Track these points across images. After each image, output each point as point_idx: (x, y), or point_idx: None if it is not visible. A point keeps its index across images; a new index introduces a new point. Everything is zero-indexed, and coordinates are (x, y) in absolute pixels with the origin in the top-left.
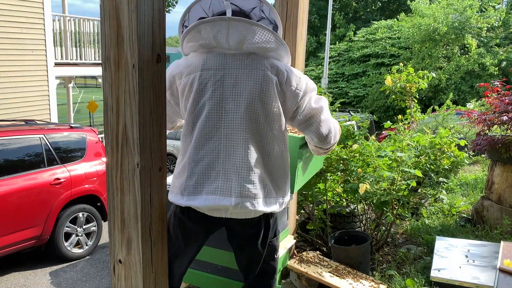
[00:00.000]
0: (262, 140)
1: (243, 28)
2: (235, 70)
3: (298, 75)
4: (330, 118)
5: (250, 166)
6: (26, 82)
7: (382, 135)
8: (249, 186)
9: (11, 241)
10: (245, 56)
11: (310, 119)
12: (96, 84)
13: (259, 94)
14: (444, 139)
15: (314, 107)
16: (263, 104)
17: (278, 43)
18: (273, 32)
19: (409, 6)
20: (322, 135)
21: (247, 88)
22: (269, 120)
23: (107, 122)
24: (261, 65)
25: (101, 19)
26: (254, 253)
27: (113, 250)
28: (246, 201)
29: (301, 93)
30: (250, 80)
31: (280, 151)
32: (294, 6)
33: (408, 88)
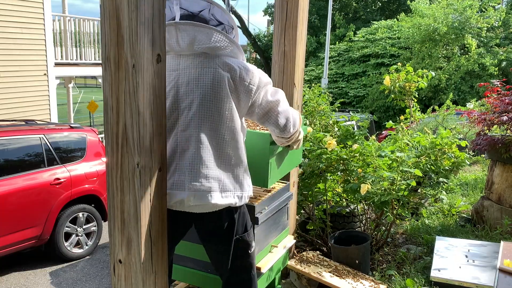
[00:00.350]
0: (216, 136)
1: (191, 30)
2: (187, 70)
3: (251, 71)
4: (287, 109)
5: (203, 162)
6: (26, 82)
7: (382, 135)
8: (202, 180)
9: (11, 241)
10: (196, 56)
11: (268, 112)
12: (96, 84)
13: (211, 91)
14: (445, 139)
15: (270, 100)
16: (216, 100)
17: (228, 42)
18: (222, 32)
19: (409, 6)
20: (281, 126)
21: (199, 86)
22: (223, 116)
23: (107, 122)
24: (212, 63)
25: (101, 19)
26: (219, 248)
27: (113, 250)
28: (199, 194)
29: (255, 87)
30: (202, 78)
31: (235, 146)
32: (294, 6)
33: (407, 87)
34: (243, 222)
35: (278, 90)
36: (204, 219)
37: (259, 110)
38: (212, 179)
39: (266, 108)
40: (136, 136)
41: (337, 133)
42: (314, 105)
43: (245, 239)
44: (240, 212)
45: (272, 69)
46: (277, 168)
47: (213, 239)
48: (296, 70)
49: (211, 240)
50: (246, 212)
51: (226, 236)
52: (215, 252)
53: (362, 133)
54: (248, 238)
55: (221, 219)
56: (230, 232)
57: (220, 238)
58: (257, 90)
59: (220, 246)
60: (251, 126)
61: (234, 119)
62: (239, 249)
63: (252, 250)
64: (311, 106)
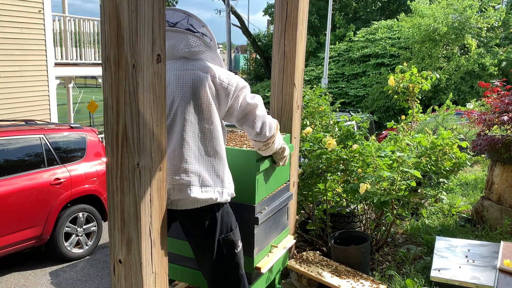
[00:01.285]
0: (197, 133)
1: (169, 36)
2: (168, 72)
3: (229, 74)
4: (265, 114)
5: (183, 157)
6: (26, 82)
7: (382, 135)
8: (182, 174)
9: (11, 241)
10: (177, 59)
11: (246, 114)
12: (96, 84)
13: (190, 91)
14: (446, 140)
15: (249, 102)
16: (196, 100)
17: (205, 47)
18: (198, 37)
19: (409, 6)
20: (257, 129)
21: (179, 86)
22: (203, 115)
23: (107, 122)
24: (192, 66)
25: (101, 19)
26: (202, 247)
27: (113, 250)
28: (179, 188)
29: (233, 88)
30: (182, 79)
31: (215, 143)
32: (294, 6)
33: (411, 88)
34: (227, 221)
35: (256, 95)
36: (185, 216)
37: (238, 112)
38: (191, 173)
39: (245, 110)
40: (136, 136)
41: (337, 133)
42: (315, 106)
43: (230, 239)
44: (223, 211)
45: (272, 69)
46: (264, 185)
47: (194, 238)
48: (296, 70)
49: (192, 238)
50: (229, 211)
51: (208, 235)
52: (196, 250)
53: (362, 133)
54: (233, 237)
55: (203, 218)
56: (211, 231)
57: (201, 237)
58: (235, 92)
59: (203, 245)
60: (239, 144)
61: (214, 118)
62: (225, 249)
63: (239, 249)
64: (312, 107)
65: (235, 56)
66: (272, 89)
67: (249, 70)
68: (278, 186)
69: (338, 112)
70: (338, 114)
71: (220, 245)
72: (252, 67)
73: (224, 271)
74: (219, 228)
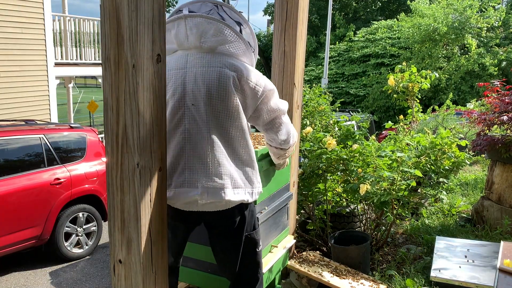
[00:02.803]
0: (225, 134)
1: (200, 22)
2: (195, 68)
3: (257, 74)
4: (289, 121)
5: (215, 159)
6: (26, 82)
7: (382, 135)
8: (215, 177)
9: (11, 241)
10: (204, 54)
11: (274, 119)
12: (96, 84)
13: (217, 90)
14: (445, 139)
15: (279, 107)
16: (222, 99)
17: (235, 37)
18: (229, 26)
19: (409, 6)
20: (283, 136)
21: (205, 84)
22: (230, 115)
23: (107, 122)
24: (218, 63)
25: (101, 19)
26: (230, 246)
27: (113, 250)
28: (212, 191)
29: (261, 89)
30: (208, 76)
31: (244, 144)
32: (294, 6)
33: (410, 87)
34: (251, 220)
35: (283, 100)
36: (216, 217)
37: (266, 115)
38: (225, 175)
39: (274, 114)
40: (136, 136)
41: (337, 133)
42: (315, 105)
43: (254, 237)
44: (250, 210)
45: (272, 69)
46: (265, 185)
47: (224, 237)
48: (296, 70)
49: (221, 238)
50: (255, 210)
51: (237, 233)
52: (223, 250)
53: (362, 133)
54: (256, 236)
55: (233, 216)
56: (241, 229)
57: (231, 235)
58: (263, 93)
59: (230, 244)
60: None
61: (241, 117)
62: (248, 247)
63: (260, 248)
64: (312, 106)
65: None
66: None
67: None
68: (278, 187)
69: (338, 112)
70: (338, 114)
71: (245, 243)
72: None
73: (246, 269)
74: (246, 226)
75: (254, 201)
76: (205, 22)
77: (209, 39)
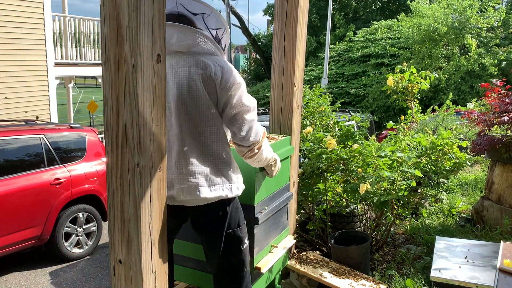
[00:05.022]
0: (197, 132)
1: (169, 30)
2: (169, 70)
3: (226, 68)
4: (254, 119)
5: (187, 159)
6: (26, 82)
7: (382, 135)
8: (189, 177)
9: (11, 241)
10: (174, 55)
11: (237, 115)
12: (96, 84)
13: (187, 89)
14: (446, 140)
15: (244, 103)
16: (192, 98)
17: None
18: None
19: (409, 6)
20: (243, 132)
21: (175, 85)
22: (201, 113)
23: (107, 122)
24: (187, 62)
25: (101, 19)
26: (211, 240)
27: (113, 250)
28: (187, 190)
29: (228, 84)
30: (178, 77)
31: (217, 141)
32: (294, 6)
33: (410, 88)
34: (235, 217)
35: (252, 98)
36: (198, 211)
37: (230, 110)
38: (198, 174)
39: (237, 110)
40: (136, 136)
41: (337, 133)
42: (315, 106)
43: (237, 234)
44: (233, 206)
45: (272, 69)
46: (264, 185)
47: (205, 231)
48: (296, 70)
49: (202, 232)
50: (239, 207)
51: (217, 228)
52: (205, 244)
53: (362, 133)
54: (240, 233)
55: (215, 211)
56: (221, 225)
57: (211, 230)
58: (231, 88)
59: (211, 238)
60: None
61: (213, 114)
62: (231, 244)
63: (245, 246)
64: (312, 107)
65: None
66: (272, 89)
67: (249, 70)
68: (278, 187)
69: (338, 112)
70: (338, 114)
71: (227, 239)
72: (252, 67)
73: (228, 267)
74: (228, 222)
75: (235, 196)
76: (172, 29)
77: (172, 45)
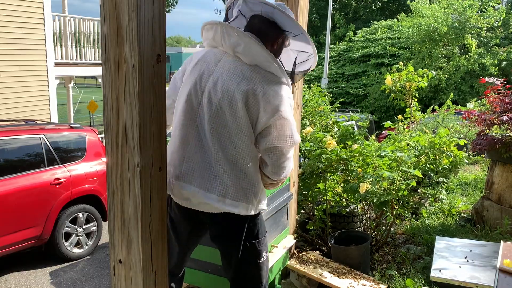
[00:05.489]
0: (231, 144)
1: (234, 35)
2: (222, 69)
3: (281, 95)
4: (291, 157)
5: (212, 163)
6: (26, 82)
7: (382, 135)
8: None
9: (11, 241)
10: (234, 60)
11: (276, 148)
12: (96, 84)
13: (230, 98)
14: (443, 138)
15: (288, 135)
16: (232, 110)
17: (265, 55)
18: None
19: (409, 6)
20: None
21: (224, 89)
22: (238, 126)
23: (107, 122)
24: (242, 74)
25: (101, 19)
26: (226, 252)
27: (113, 250)
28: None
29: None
30: (229, 83)
31: (245, 157)
32: (294, 6)
33: (408, 87)
34: (254, 228)
35: (297, 133)
36: (210, 219)
37: (270, 138)
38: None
39: (278, 141)
40: (136, 136)
41: (337, 133)
42: (314, 105)
43: (255, 247)
44: (251, 221)
45: None
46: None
47: (220, 241)
48: None
49: (218, 242)
50: (260, 218)
51: (233, 239)
52: (222, 255)
53: (362, 133)
54: (258, 246)
55: (229, 221)
56: (237, 235)
57: (227, 241)
58: (276, 115)
59: (227, 250)
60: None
61: (249, 132)
62: (248, 257)
63: (262, 260)
64: (311, 106)
65: None
66: None
67: None
68: (278, 187)
69: (338, 112)
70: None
71: (244, 252)
72: None
73: (243, 280)
74: (246, 233)
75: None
76: (237, 36)
77: (239, 53)
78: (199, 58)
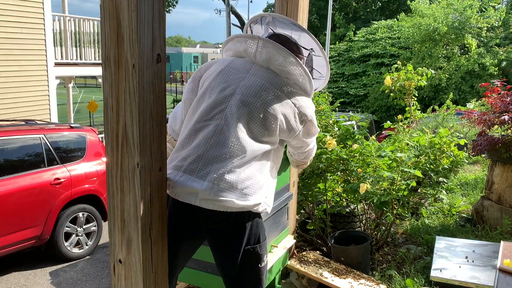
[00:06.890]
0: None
1: (270, 50)
2: (254, 77)
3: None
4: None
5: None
6: (26, 82)
7: (382, 135)
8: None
9: (11, 241)
10: (268, 71)
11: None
12: (96, 84)
13: (263, 106)
14: (443, 138)
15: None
16: (264, 116)
17: (301, 71)
18: (296, 59)
19: (409, 6)
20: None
21: (256, 95)
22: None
23: (107, 122)
24: (277, 85)
25: (101, 19)
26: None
27: (113, 250)
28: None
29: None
30: (263, 91)
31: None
32: (294, 6)
33: (407, 86)
34: (256, 232)
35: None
36: (212, 218)
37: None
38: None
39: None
40: (136, 136)
41: (337, 133)
42: (314, 105)
43: (256, 251)
44: (254, 222)
45: None
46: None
47: (221, 244)
48: None
49: (218, 244)
50: (261, 222)
51: (235, 242)
52: (221, 258)
53: (362, 133)
54: (260, 251)
55: (233, 222)
56: (239, 238)
57: (228, 243)
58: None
59: (227, 253)
60: None
61: (275, 135)
62: (249, 261)
63: (263, 264)
64: None
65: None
66: None
67: None
68: (278, 187)
69: (338, 112)
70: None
71: (245, 256)
72: None
73: (243, 284)
74: (247, 237)
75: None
76: (275, 51)
77: (274, 67)
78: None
